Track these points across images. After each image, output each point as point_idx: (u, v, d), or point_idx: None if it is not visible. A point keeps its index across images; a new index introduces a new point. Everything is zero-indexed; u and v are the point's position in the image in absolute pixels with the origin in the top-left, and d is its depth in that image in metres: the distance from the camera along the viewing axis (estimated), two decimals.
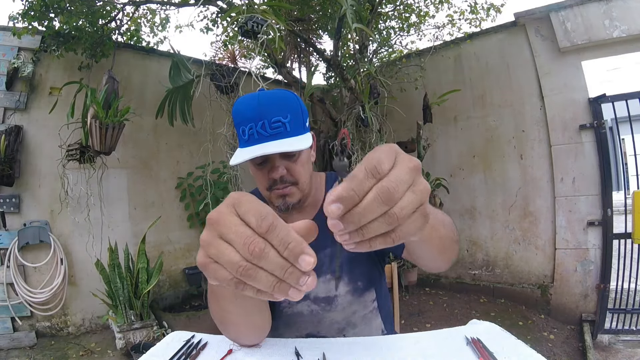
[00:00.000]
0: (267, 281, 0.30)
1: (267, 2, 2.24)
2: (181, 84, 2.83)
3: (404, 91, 3.64)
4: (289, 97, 0.78)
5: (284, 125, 0.74)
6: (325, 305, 0.84)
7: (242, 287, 0.31)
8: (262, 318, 0.69)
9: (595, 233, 2.94)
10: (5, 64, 2.78)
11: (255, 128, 0.74)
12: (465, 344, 0.70)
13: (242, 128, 0.76)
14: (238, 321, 0.65)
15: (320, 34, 3.76)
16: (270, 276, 0.30)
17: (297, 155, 0.79)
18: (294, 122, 0.76)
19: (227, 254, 0.31)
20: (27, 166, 2.88)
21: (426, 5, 3.91)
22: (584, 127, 2.97)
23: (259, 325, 0.69)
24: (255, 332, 0.70)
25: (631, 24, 2.76)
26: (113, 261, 2.67)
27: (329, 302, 0.84)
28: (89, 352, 2.68)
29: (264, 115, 0.74)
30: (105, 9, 3.05)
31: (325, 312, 0.84)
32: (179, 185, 3.76)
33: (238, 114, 0.78)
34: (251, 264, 0.30)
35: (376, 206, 0.30)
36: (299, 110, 0.79)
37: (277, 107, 0.75)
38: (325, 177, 0.95)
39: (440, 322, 3.10)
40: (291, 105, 0.77)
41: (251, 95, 0.78)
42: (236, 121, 0.79)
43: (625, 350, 2.52)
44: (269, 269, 0.30)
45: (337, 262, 0.76)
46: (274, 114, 0.74)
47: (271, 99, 0.76)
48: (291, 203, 0.80)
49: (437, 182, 3.12)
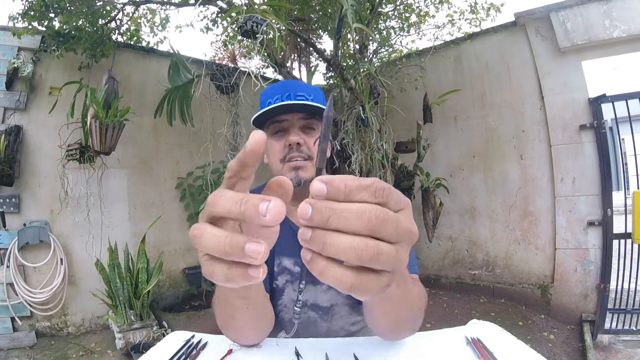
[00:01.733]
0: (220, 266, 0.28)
1: (267, 2, 2.23)
2: (180, 84, 2.83)
3: (404, 91, 3.64)
4: (315, 87, 0.87)
5: (307, 99, 0.81)
6: (322, 314, 0.83)
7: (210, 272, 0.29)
8: (268, 321, 0.69)
9: (595, 233, 2.94)
10: (5, 63, 2.78)
11: (281, 97, 0.80)
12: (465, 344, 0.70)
13: (268, 101, 0.82)
14: (245, 326, 0.65)
15: (320, 34, 3.76)
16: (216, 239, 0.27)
17: (316, 131, 0.83)
18: (317, 101, 0.82)
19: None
20: (27, 166, 2.88)
21: (426, 5, 3.91)
22: (584, 127, 2.97)
23: (264, 327, 0.69)
24: (259, 333, 0.70)
25: (631, 24, 2.76)
26: (113, 261, 2.67)
27: (326, 312, 0.83)
28: (89, 352, 2.68)
29: (290, 89, 0.82)
30: (105, 9, 3.05)
31: (322, 321, 0.84)
32: (178, 185, 3.76)
33: (265, 93, 0.85)
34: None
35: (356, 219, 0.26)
36: (322, 98, 0.86)
37: (303, 88, 0.83)
38: None
39: (440, 322, 3.10)
40: (316, 92, 0.85)
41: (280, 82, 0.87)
42: (262, 99, 0.85)
43: (625, 350, 2.52)
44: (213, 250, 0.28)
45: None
46: (299, 90, 0.82)
47: (299, 83, 0.85)
48: (304, 178, 0.79)
49: (437, 182, 3.12)
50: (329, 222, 0.27)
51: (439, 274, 3.99)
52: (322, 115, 0.78)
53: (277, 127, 0.82)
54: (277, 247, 0.80)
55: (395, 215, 0.28)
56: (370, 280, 0.28)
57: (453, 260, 3.93)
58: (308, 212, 0.27)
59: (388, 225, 0.27)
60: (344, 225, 0.26)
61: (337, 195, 0.27)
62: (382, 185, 0.28)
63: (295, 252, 0.80)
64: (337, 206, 0.27)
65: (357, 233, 0.27)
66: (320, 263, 0.28)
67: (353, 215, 0.26)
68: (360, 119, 2.81)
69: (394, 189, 0.29)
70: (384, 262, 0.27)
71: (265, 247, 0.26)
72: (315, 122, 0.83)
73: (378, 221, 0.26)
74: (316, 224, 0.27)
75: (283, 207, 0.26)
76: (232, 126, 2.89)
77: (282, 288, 0.81)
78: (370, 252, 0.26)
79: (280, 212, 0.25)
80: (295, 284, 0.81)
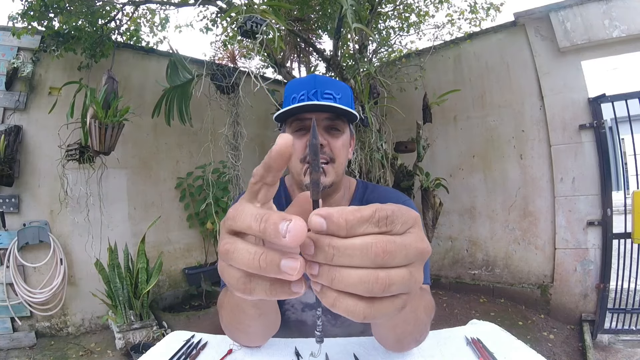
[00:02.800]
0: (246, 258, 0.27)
1: (267, 2, 2.23)
2: (179, 83, 2.82)
3: (404, 91, 3.64)
4: (344, 84, 0.82)
5: (335, 99, 0.76)
6: (331, 318, 0.83)
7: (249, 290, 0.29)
8: (275, 324, 0.69)
9: (595, 233, 2.94)
10: (4, 64, 2.78)
11: (307, 94, 0.75)
12: (465, 344, 0.70)
13: (293, 95, 0.77)
14: (253, 332, 0.65)
15: (320, 34, 3.76)
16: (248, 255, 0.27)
17: (341, 133, 0.78)
18: (345, 101, 0.78)
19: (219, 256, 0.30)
20: (27, 166, 2.88)
21: (426, 5, 3.91)
22: (584, 127, 2.97)
23: (270, 332, 0.69)
24: (264, 337, 0.70)
25: (631, 24, 2.76)
26: (113, 261, 2.67)
27: (336, 317, 0.82)
28: (89, 352, 2.68)
29: (317, 85, 0.76)
30: (105, 9, 3.04)
31: (330, 326, 0.83)
32: (178, 185, 3.76)
33: (291, 86, 0.80)
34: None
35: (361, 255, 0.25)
36: (350, 97, 0.82)
37: (332, 84, 0.78)
38: (357, 184, 0.90)
39: (440, 322, 3.10)
40: (344, 90, 0.80)
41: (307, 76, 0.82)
42: (287, 93, 0.80)
43: (625, 350, 2.53)
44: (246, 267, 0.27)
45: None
46: (327, 87, 0.77)
47: (327, 78, 0.80)
48: (324, 183, 0.75)
49: (437, 182, 3.12)
50: (333, 260, 0.26)
51: (438, 273, 3.99)
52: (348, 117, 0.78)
53: (300, 124, 0.77)
54: None
55: (403, 242, 0.27)
56: (384, 307, 0.27)
57: (453, 260, 3.93)
58: (311, 250, 0.26)
59: (397, 255, 0.26)
60: (349, 262, 0.25)
61: (338, 232, 0.26)
62: (385, 214, 0.26)
63: None
64: (340, 243, 0.25)
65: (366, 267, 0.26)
66: (331, 295, 0.27)
67: (357, 252, 0.25)
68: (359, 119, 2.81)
69: (397, 212, 0.27)
70: (398, 289, 0.26)
71: (302, 262, 0.26)
72: (341, 123, 0.78)
73: (385, 254, 0.25)
74: (321, 262, 0.26)
75: (304, 227, 0.25)
76: (233, 126, 2.89)
77: None
78: (382, 284, 0.25)
79: (300, 233, 0.24)
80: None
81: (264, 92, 2.12)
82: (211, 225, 3.42)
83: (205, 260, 3.88)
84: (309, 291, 0.29)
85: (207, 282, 3.49)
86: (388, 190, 0.89)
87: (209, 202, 2.86)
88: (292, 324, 0.84)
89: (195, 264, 3.82)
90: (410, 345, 0.66)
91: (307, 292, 0.28)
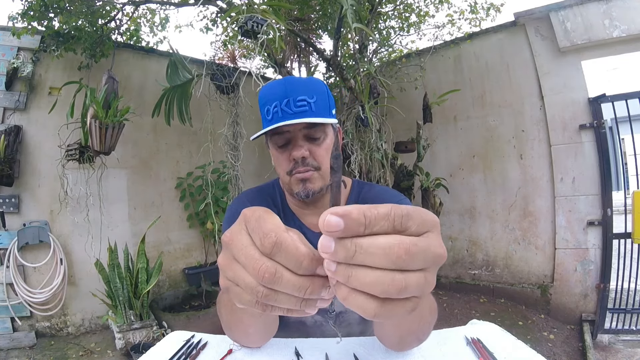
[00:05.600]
0: (289, 302, 0.28)
1: (267, 2, 2.23)
2: (179, 83, 2.82)
3: (404, 91, 3.64)
4: (316, 81, 0.77)
5: (309, 104, 0.73)
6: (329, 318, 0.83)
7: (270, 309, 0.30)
8: (274, 327, 0.69)
9: (595, 233, 2.94)
10: (4, 64, 2.78)
11: (279, 106, 0.73)
12: (465, 344, 0.70)
13: (267, 107, 0.75)
14: (253, 332, 0.65)
15: (320, 34, 3.76)
16: (292, 297, 0.28)
17: (322, 139, 0.76)
18: (320, 104, 0.75)
19: (243, 278, 0.29)
20: (27, 166, 2.88)
21: (426, 5, 3.91)
22: (584, 127, 2.97)
23: (270, 332, 0.69)
24: (264, 337, 0.70)
25: (631, 24, 2.76)
26: (112, 261, 2.67)
27: (335, 317, 0.82)
28: (89, 352, 2.68)
29: (289, 93, 0.73)
30: (105, 9, 3.04)
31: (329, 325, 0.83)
32: (178, 185, 3.76)
33: (263, 95, 0.77)
34: (268, 288, 0.28)
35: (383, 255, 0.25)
36: (326, 95, 0.77)
37: (304, 87, 0.74)
38: (352, 183, 0.89)
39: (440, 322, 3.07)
40: (318, 89, 0.76)
41: (279, 80, 0.77)
42: (261, 102, 0.78)
43: (625, 350, 2.52)
44: (288, 291, 0.28)
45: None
46: (299, 93, 0.73)
47: (298, 80, 0.75)
48: (312, 190, 0.76)
49: (437, 182, 3.12)
50: (354, 258, 0.25)
51: (438, 273, 3.94)
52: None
53: (281, 139, 0.76)
54: None
55: (425, 245, 0.26)
56: (396, 308, 0.27)
57: (453, 260, 3.93)
58: (331, 247, 0.26)
59: (417, 258, 0.26)
60: (370, 261, 0.25)
61: (357, 229, 0.25)
62: (400, 212, 0.26)
63: None
64: (363, 242, 0.25)
65: (383, 268, 0.25)
66: (344, 290, 0.27)
67: (380, 251, 0.25)
68: (359, 118, 2.81)
69: (414, 212, 0.27)
70: (412, 293, 0.26)
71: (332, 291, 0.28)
72: (319, 129, 0.76)
73: (408, 256, 0.25)
74: (340, 260, 0.26)
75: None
76: (233, 126, 2.89)
77: None
78: (397, 286, 0.25)
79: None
80: None
81: None
82: (211, 225, 3.42)
83: (205, 260, 3.88)
84: None
85: (207, 282, 3.49)
86: (384, 190, 0.87)
87: (208, 202, 2.86)
88: (291, 325, 0.84)
89: (195, 264, 3.82)
90: (412, 345, 0.66)
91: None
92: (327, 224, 0.25)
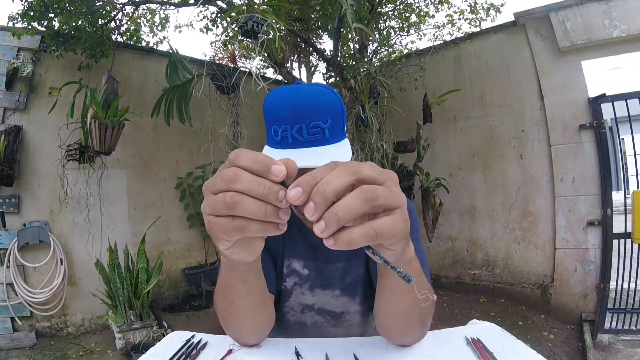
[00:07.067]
0: (254, 206, 0.32)
1: (267, 2, 2.23)
2: (179, 83, 2.82)
3: (404, 91, 3.64)
4: (331, 99, 0.68)
5: (323, 131, 0.66)
6: (330, 319, 0.82)
7: (243, 226, 0.33)
8: (266, 316, 0.69)
9: (595, 233, 2.94)
10: (4, 64, 2.78)
11: (290, 132, 0.65)
12: (465, 344, 0.70)
13: (275, 127, 0.67)
14: (243, 316, 0.65)
15: (320, 34, 3.76)
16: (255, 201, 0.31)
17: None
18: (334, 127, 0.68)
19: (215, 199, 0.33)
20: (27, 166, 2.88)
21: (426, 5, 3.91)
22: (584, 126, 2.97)
23: (262, 324, 0.69)
24: (257, 331, 0.70)
25: (631, 24, 2.76)
26: (113, 261, 2.67)
27: (336, 318, 0.82)
28: (89, 352, 2.68)
29: (302, 118, 0.65)
30: (105, 9, 3.05)
31: (330, 327, 0.83)
32: (178, 185, 3.76)
33: (272, 111, 0.68)
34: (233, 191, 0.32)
35: (337, 175, 0.31)
36: (340, 114, 0.70)
37: (318, 108, 0.66)
38: None
39: (440, 322, 3.10)
40: (333, 109, 0.68)
41: (288, 90, 0.68)
42: (267, 117, 0.69)
43: (625, 350, 2.53)
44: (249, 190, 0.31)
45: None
46: (313, 117, 0.65)
47: (312, 100, 0.66)
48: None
49: (437, 182, 3.12)
50: (325, 191, 0.30)
51: (438, 273, 3.99)
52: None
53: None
54: (287, 249, 0.80)
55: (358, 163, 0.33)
56: (388, 220, 0.33)
57: (453, 260, 3.93)
58: (299, 192, 0.31)
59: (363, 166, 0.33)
60: (336, 184, 0.31)
61: (309, 183, 0.31)
62: (349, 163, 0.33)
63: (305, 255, 0.79)
64: (321, 180, 0.31)
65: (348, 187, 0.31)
66: (344, 235, 0.31)
67: (334, 176, 0.31)
68: (360, 118, 2.81)
69: (358, 163, 0.33)
70: (385, 198, 0.32)
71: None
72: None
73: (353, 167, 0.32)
74: (315, 199, 0.30)
75: (298, 191, 0.31)
76: (233, 126, 2.89)
77: (290, 290, 0.80)
78: (371, 190, 0.32)
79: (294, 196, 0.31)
80: (303, 286, 0.80)
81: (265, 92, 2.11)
82: None
83: (205, 260, 3.88)
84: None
85: (207, 282, 3.50)
86: None
87: None
88: (291, 326, 0.84)
89: (195, 264, 3.82)
90: (415, 329, 0.64)
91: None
92: (290, 197, 0.31)
